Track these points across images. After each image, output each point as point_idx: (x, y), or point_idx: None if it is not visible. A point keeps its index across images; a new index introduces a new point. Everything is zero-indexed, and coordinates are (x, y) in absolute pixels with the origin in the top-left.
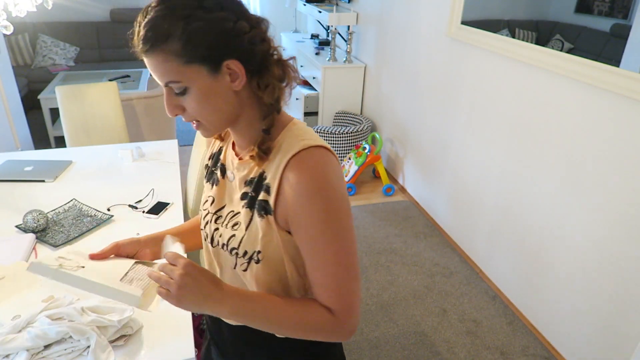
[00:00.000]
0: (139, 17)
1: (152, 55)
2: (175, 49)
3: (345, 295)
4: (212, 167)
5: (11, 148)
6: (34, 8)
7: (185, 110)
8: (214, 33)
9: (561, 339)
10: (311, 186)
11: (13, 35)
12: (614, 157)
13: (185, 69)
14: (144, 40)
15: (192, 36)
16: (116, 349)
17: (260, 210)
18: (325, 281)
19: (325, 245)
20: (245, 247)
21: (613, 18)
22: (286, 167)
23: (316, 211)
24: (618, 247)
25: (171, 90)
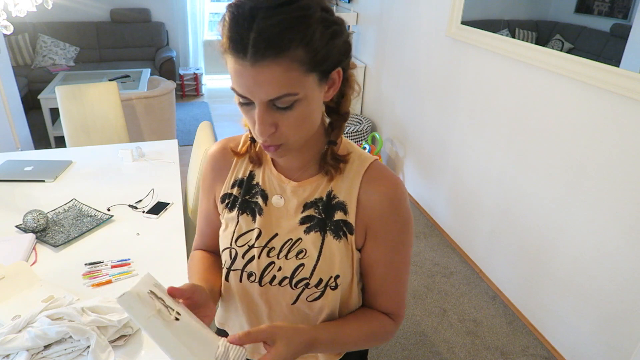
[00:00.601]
0: (240, 17)
1: (273, 63)
2: (302, 55)
3: (404, 297)
4: (246, 196)
5: (11, 148)
6: (34, 8)
7: (277, 129)
8: (341, 39)
9: (561, 339)
10: (398, 195)
11: (13, 35)
12: (613, 156)
13: (305, 78)
14: (270, 43)
15: (326, 43)
16: (116, 349)
17: (338, 231)
18: (394, 286)
19: (403, 253)
20: (320, 275)
21: (613, 18)
22: (363, 181)
23: (401, 218)
24: (618, 247)
25: (271, 105)
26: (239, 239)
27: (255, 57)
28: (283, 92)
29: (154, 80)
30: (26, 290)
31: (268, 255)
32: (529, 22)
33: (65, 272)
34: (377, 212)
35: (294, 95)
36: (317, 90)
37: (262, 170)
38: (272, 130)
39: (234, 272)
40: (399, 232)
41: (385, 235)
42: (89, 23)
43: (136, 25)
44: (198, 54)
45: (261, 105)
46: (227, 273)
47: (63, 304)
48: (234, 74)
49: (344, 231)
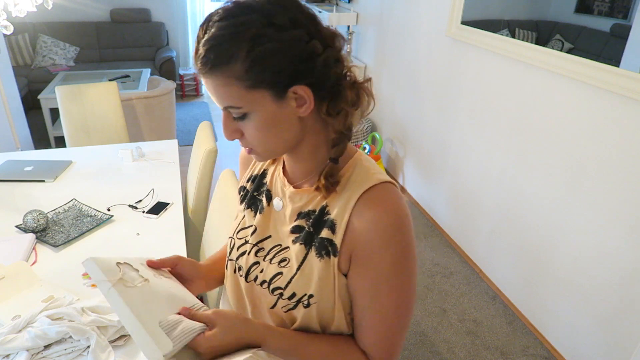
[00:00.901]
0: (199, 31)
1: (212, 77)
2: (238, 72)
3: (391, 346)
4: (255, 192)
5: (11, 148)
6: (34, 8)
7: (243, 135)
8: (284, 56)
9: (561, 339)
10: (391, 225)
11: (13, 35)
12: (613, 156)
13: (248, 94)
14: (203, 60)
15: (259, 59)
16: (116, 349)
17: (321, 249)
18: (376, 327)
19: (390, 290)
20: (294, 289)
21: (613, 18)
22: (358, 203)
23: (391, 253)
24: (618, 247)
25: (229, 113)
26: (240, 232)
27: (203, 68)
28: (226, 103)
29: (154, 80)
30: (26, 290)
31: (256, 255)
32: (529, 22)
33: (65, 272)
34: (364, 239)
35: (238, 109)
36: (275, 106)
37: (273, 170)
38: (236, 136)
39: (230, 261)
40: (388, 265)
41: (371, 267)
42: (89, 23)
43: (136, 25)
44: None
45: (223, 111)
46: (227, 262)
47: (63, 304)
48: None
49: (328, 251)
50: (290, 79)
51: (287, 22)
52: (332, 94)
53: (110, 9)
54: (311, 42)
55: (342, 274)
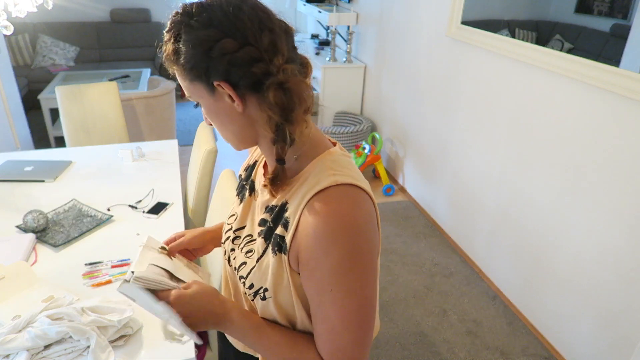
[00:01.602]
0: None
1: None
2: (179, 66)
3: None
4: (244, 182)
5: (11, 148)
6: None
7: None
8: (195, 53)
9: (561, 339)
10: (331, 232)
11: (13, 36)
12: (613, 156)
13: (191, 85)
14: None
15: (180, 55)
16: (116, 349)
17: (275, 245)
18: (326, 336)
19: (332, 300)
20: (252, 280)
21: (613, 18)
22: (308, 204)
23: (330, 262)
24: (618, 247)
25: None
26: (230, 217)
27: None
28: (187, 93)
29: (154, 80)
30: (26, 290)
31: (233, 242)
32: (529, 22)
33: (65, 272)
34: (306, 242)
35: (190, 97)
36: (212, 100)
37: (259, 163)
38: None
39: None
40: (328, 274)
41: (311, 272)
42: (89, 23)
43: (136, 25)
44: None
45: None
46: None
47: (63, 304)
48: None
49: (281, 247)
50: (206, 74)
51: (201, 23)
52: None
53: (110, 9)
54: (222, 41)
55: (297, 273)
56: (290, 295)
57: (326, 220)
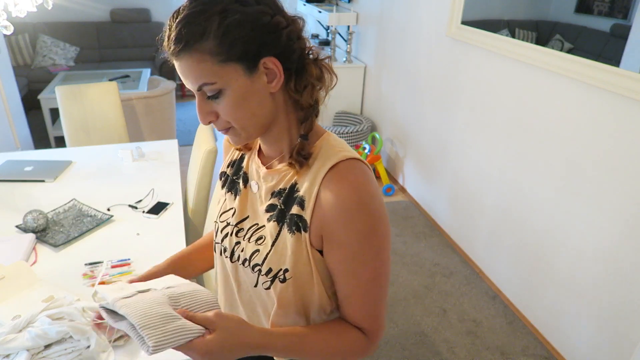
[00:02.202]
0: (169, 20)
1: (185, 56)
2: (210, 47)
3: (378, 315)
4: (234, 176)
5: (11, 148)
6: (34, 8)
7: (218, 117)
8: (252, 28)
9: (561, 339)
10: (355, 200)
11: (13, 35)
12: (613, 156)
13: (221, 68)
14: (177, 39)
15: (228, 32)
16: (116, 349)
17: (292, 225)
18: (360, 301)
19: (364, 262)
20: (270, 265)
21: (613, 18)
22: (324, 180)
23: (358, 228)
24: (618, 247)
25: (204, 94)
26: (222, 215)
27: (172, 52)
28: (200, 82)
29: (154, 80)
30: (26, 290)
31: (236, 235)
32: (529, 22)
33: (65, 272)
34: (331, 215)
35: (212, 84)
36: (247, 81)
37: (249, 155)
38: (211, 118)
39: (216, 244)
40: (358, 241)
41: (342, 242)
42: (89, 23)
43: (136, 25)
44: None
45: (196, 95)
46: (214, 245)
47: (63, 304)
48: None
49: (298, 226)
50: (259, 50)
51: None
52: (298, 68)
53: (110, 9)
54: (275, 17)
55: (316, 250)
56: (309, 273)
57: (348, 191)
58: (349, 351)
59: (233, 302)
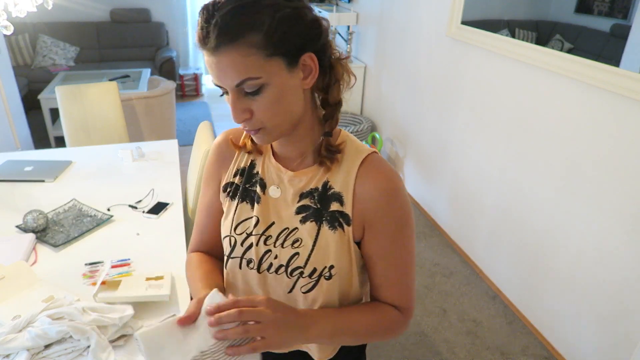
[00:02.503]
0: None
1: (229, 49)
2: (258, 40)
3: (411, 290)
4: (246, 184)
5: (11, 148)
6: (34, 8)
7: (252, 115)
8: (300, 23)
9: (561, 339)
10: (392, 188)
11: (13, 35)
12: (613, 156)
13: (266, 63)
14: (222, 31)
15: (279, 26)
16: (116, 349)
17: (333, 222)
18: (398, 279)
19: (403, 244)
20: (314, 264)
21: (613, 18)
22: (358, 174)
23: (397, 214)
24: (618, 247)
25: (241, 91)
26: (237, 227)
27: (215, 45)
28: (244, 76)
29: (154, 80)
30: (26, 290)
31: (265, 244)
32: (529, 22)
33: (65, 272)
34: (373, 205)
35: (256, 79)
36: (288, 76)
37: (262, 160)
38: (246, 116)
39: (232, 259)
40: (397, 225)
41: (383, 228)
42: (89, 23)
43: (136, 25)
44: (198, 54)
45: (232, 92)
46: (226, 261)
47: (63, 304)
48: (206, 65)
49: (340, 222)
50: (302, 46)
51: None
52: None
53: (110, 9)
54: (317, 15)
55: (354, 242)
56: (349, 266)
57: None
58: (389, 328)
59: None
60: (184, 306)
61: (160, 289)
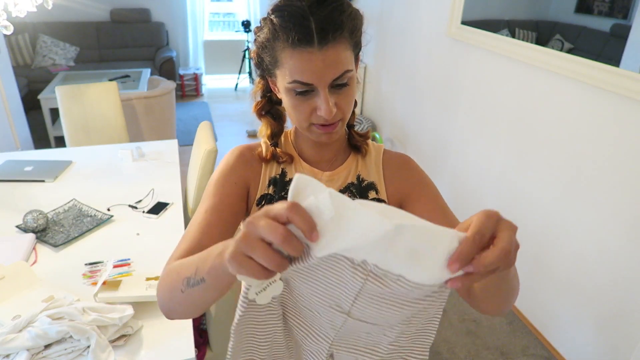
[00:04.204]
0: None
1: (335, 44)
2: (347, 36)
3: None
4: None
5: (11, 148)
6: (34, 8)
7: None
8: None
9: (561, 339)
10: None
11: (13, 35)
12: (613, 156)
13: (352, 57)
14: (332, 27)
15: (358, 23)
16: (116, 349)
17: None
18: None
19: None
20: None
21: (613, 18)
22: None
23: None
24: (618, 247)
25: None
26: None
27: (323, 41)
28: (345, 68)
29: (154, 80)
30: (26, 290)
31: None
32: (529, 22)
33: (65, 272)
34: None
35: (351, 72)
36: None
37: (293, 167)
38: (335, 110)
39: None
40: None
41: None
42: (89, 23)
43: (136, 25)
44: (198, 54)
45: (325, 88)
46: None
47: (63, 304)
48: (299, 64)
49: None
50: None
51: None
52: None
53: (110, 9)
54: None
55: None
56: None
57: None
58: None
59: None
60: None
61: None
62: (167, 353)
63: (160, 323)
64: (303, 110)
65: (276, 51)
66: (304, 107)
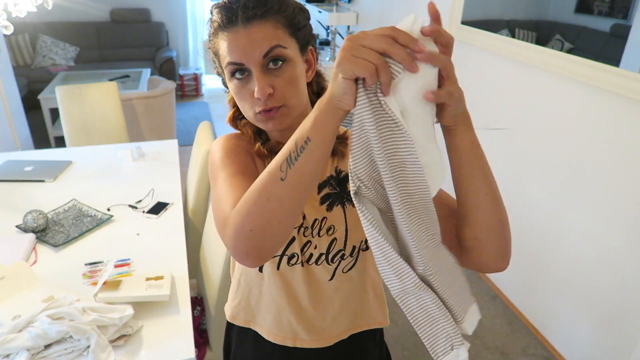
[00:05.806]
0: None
1: (261, 21)
2: (282, 20)
3: None
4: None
5: (11, 148)
6: (34, 8)
7: (274, 92)
8: (308, 18)
9: (561, 339)
10: None
11: (13, 35)
12: (613, 156)
13: (290, 39)
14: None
15: (297, 14)
16: (116, 349)
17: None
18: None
19: None
20: (352, 243)
21: (613, 18)
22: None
23: None
24: (618, 247)
25: (264, 66)
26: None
27: (246, 19)
28: (274, 43)
29: (154, 80)
30: (26, 290)
31: (304, 235)
32: (529, 22)
33: (65, 272)
34: None
35: (284, 48)
36: (300, 60)
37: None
38: (270, 91)
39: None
40: None
41: None
42: (89, 23)
43: (136, 25)
44: (198, 54)
45: (257, 67)
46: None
47: (63, 304)
48: (227, 45)
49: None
50: (309, 38)
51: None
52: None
53: (110, 9)
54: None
55: None
56: None
57: None
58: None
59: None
60: (184, 306)
61: (160, 289)
62: (167, 353)
63: (160, 323)
64: (244, 97)
65: (216, 45)
66: (244, 93)
